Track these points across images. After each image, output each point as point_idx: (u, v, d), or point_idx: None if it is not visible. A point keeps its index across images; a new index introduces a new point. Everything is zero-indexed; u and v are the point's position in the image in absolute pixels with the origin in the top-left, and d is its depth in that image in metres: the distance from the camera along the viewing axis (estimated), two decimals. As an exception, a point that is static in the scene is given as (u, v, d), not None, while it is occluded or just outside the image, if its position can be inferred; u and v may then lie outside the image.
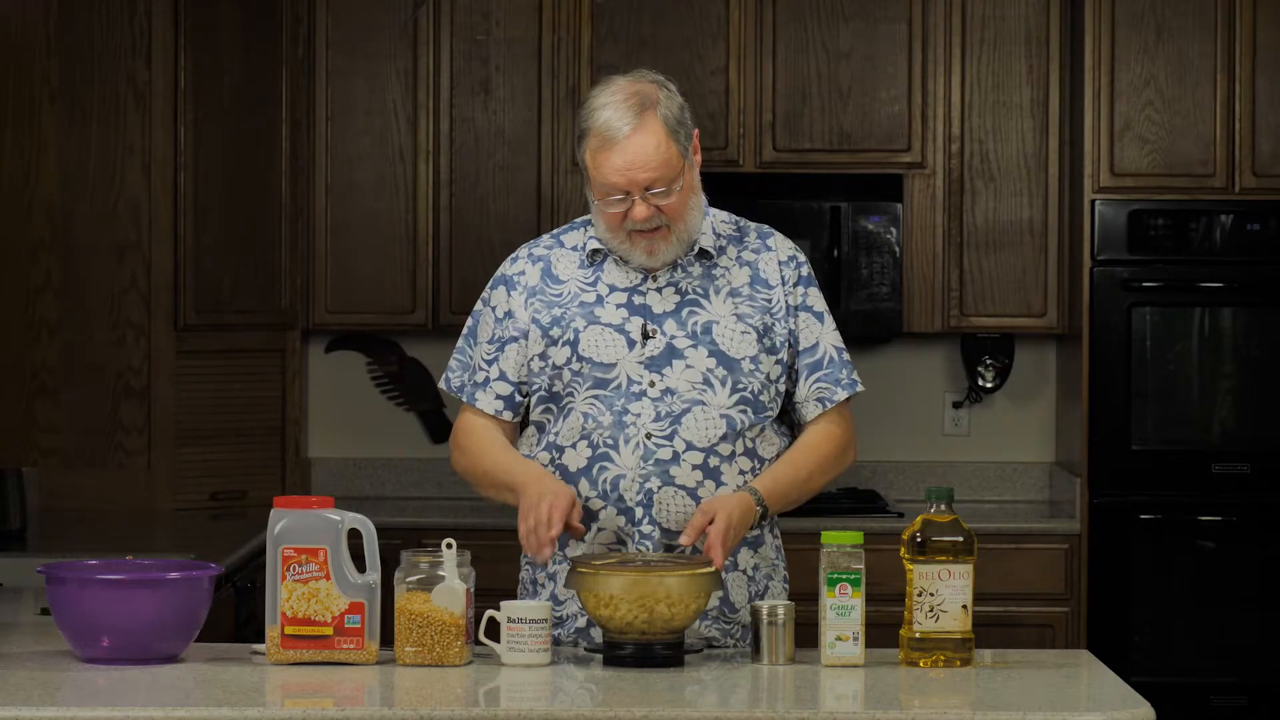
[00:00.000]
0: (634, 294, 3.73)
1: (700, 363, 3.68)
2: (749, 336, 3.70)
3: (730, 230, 3.81)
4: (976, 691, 3.31)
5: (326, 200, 6.36)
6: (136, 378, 5.95)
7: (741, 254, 3.78)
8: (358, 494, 6.57)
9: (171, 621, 3.43)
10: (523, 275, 3.80)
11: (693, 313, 3.71)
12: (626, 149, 3.61)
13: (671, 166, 3.64)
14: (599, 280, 3.75)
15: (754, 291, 3.74)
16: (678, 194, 3.65)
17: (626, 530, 3.68)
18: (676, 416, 3.66)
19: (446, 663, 3.41)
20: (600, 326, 3.71)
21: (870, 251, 6.25)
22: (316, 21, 6.34)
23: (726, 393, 3.68)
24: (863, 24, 6.31)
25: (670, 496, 3.66)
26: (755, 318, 3.72)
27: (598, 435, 3.68)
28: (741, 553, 3.74)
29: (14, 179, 5.88)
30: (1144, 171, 6.10)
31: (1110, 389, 6.06)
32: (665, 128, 3.63)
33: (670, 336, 3.69)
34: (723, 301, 3.72)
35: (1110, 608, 6.02)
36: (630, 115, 3.61)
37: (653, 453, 3.66)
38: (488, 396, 3.79)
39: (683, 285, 3.73)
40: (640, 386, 3.68)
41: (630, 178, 3.61)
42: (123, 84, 5.92)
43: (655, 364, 3.69)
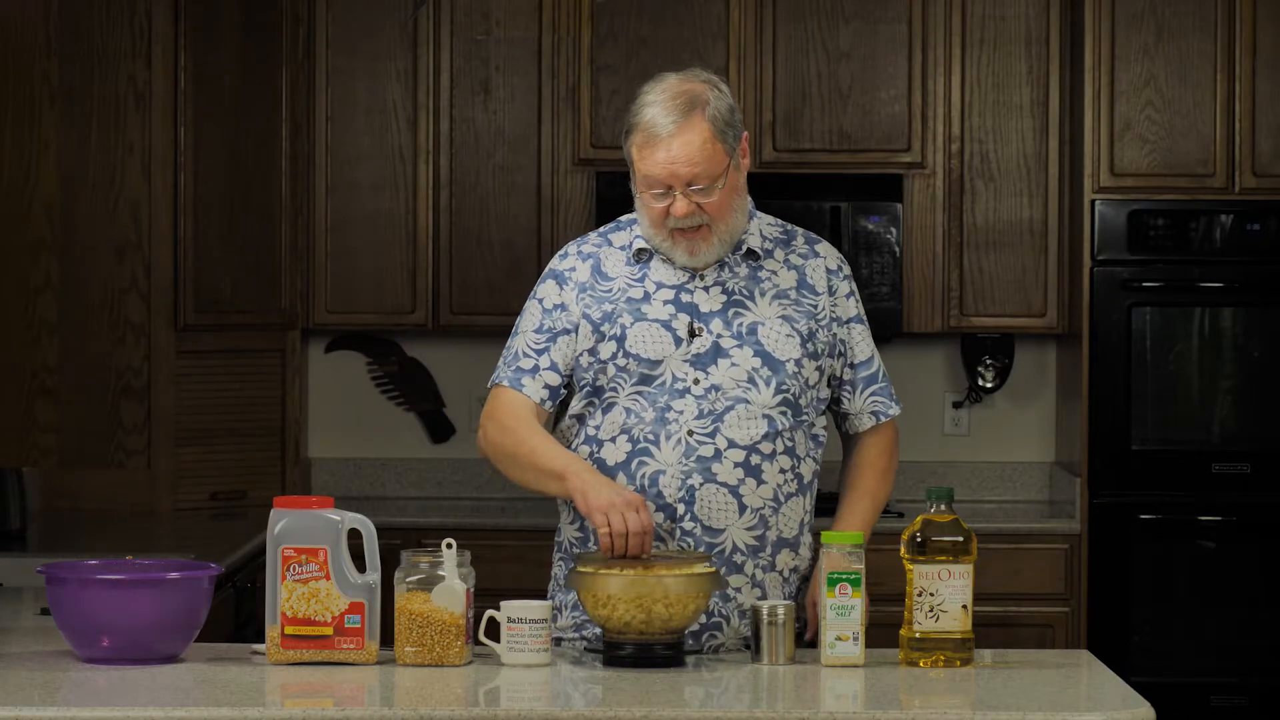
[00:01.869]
0: (681, 291, 3.74)
1: (745, 362, 3.69)
2: (793, 340, 3.72)
3: (777, 234, 3.83)
4: (976, 691, 3.31)
5: (326, 200, 6.36)
6: (136, 378, 5.95)
7: (789, 257, 3.79)
8: (358, 494, 6.57)
9: (171, 621, 3.43)
10: (573, 271, 3.81)
11: (739, 313, 3.72)
12: (670, 145, 3.63)
13: (714, 165, 3.65)
14: (646, 277, 3.76)
15: (800, 296, 3.75)
16: (720, 193, 3.67)
17: (666, 527, 3.68)
18: (719, 414, 3.67)
19: (446, 663, 3.41)
20: (647, 323, 3.72)
21: (870, 251, 6.25)
22: (316, 21, 6.34)
23: (770, 392, 3.69)
24: (863, 24, 6.31)
25: (712, 493, 3.67)
26: (801, 322, 3.73)
27: (639, 430, 3.68)
28: (782, 553, 3.74)
29: (14, 179, 5.88)
30: (1144, 171, 6.10)
31: (1110, 389, 6.06)
32: (711, 127, 3.65)
33: (716, 335, 3.70)
34: (769, 303, 3.73)
35: (1110, 608, 6.02)
36: (677, 113, 3.64)
37: (694, 450, 3.67)
38: (535, 384, 3.76)
39: (729, 285, 3.74)
40: (684, 384, 3.69)
41: (672, 171, 3.63)
42: (123, 84, 5.92)
43: (700, 362, 3.69)
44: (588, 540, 3.74)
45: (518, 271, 6.29)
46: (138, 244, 5.94)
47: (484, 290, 6.34)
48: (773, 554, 3.72)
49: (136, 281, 5.95)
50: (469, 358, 6.52)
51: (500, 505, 6.30)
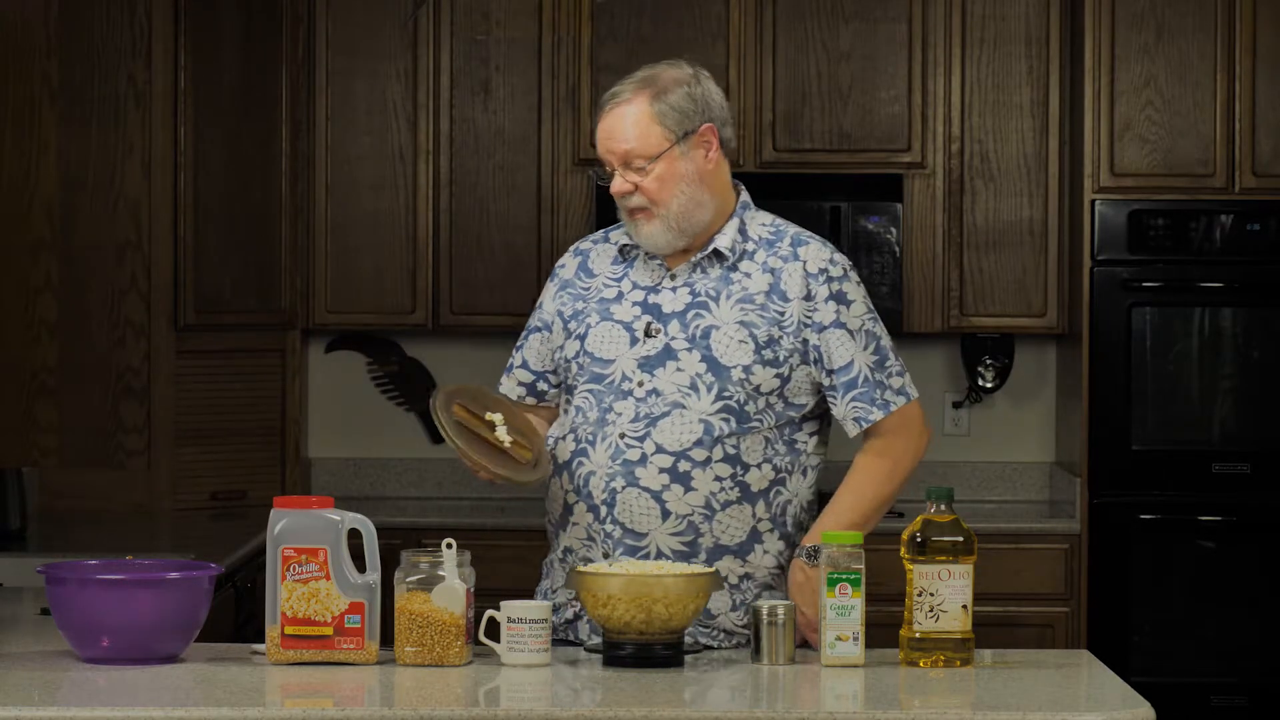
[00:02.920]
0: (650, 293, 3.76)
1: (691, 366, 3.69)
2: (746, 346, 3.69)
3: (766, 234, 3.80)
4: (976, 691, 3.31)
5: (326, 200, 6.36)
6: (136, 378, 5.95)
7: (769, 260, 3.75)
8: (358, 494, 6.57)
9: (171, 621, 3.43)
10: (563, 268, 3.88)
11: (698, 315, 3.72)
12: (608, 119, 3.70)
13: (650, 145, 3.67)
14: (625, 277, 3.79)
15: (768, 301, 3.71)
16: (655, 175, 3.68)
17: (594, 528, 3.71)
18: (654, 419, 3.68)
19: (446, 663, 3.41)
20: (611, 322, 3.75)
21: (870, 251, 6.25)
22: (316, 21, 6.34)
23: (710, 399, 3.68)
24: (863, 24, 6.31)
25: (634, 498, 3.68)
26: (760, 328, 3.70)
27: (583, 430, 3.72)
28: (725, 560, 3.72)
29: (14, 179, 5.88)
30: (1144, 171, 6.10)
31: (1110, 389, 6.06)
32: (651, 107, 3.67)
33: (671, 338, 3.71)
34: (731, 307, 3.71)
35: (1110, 608, 6.02)
36: (623, 91, 3.70)
37: (622, 453, 3.68)
38: (510, 382, 3.89)
39: (697, 287, 3.74)
40: (629, 385, 3.70)
41: (608, 147, 3.69)
42: (123, 84, 5.92)
43: (649, 364, 3.70)
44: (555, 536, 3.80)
45: (517, 271, 6.29)
46: (138, 244, 5.94)
47: (484, 290, 6.34)
48: (709, 560, 3.69)
49: (136, 281, 5.95)
50: (469, 358, 6.52)
51: (500, 505, 6.30)
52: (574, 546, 3.75)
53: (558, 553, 3.81)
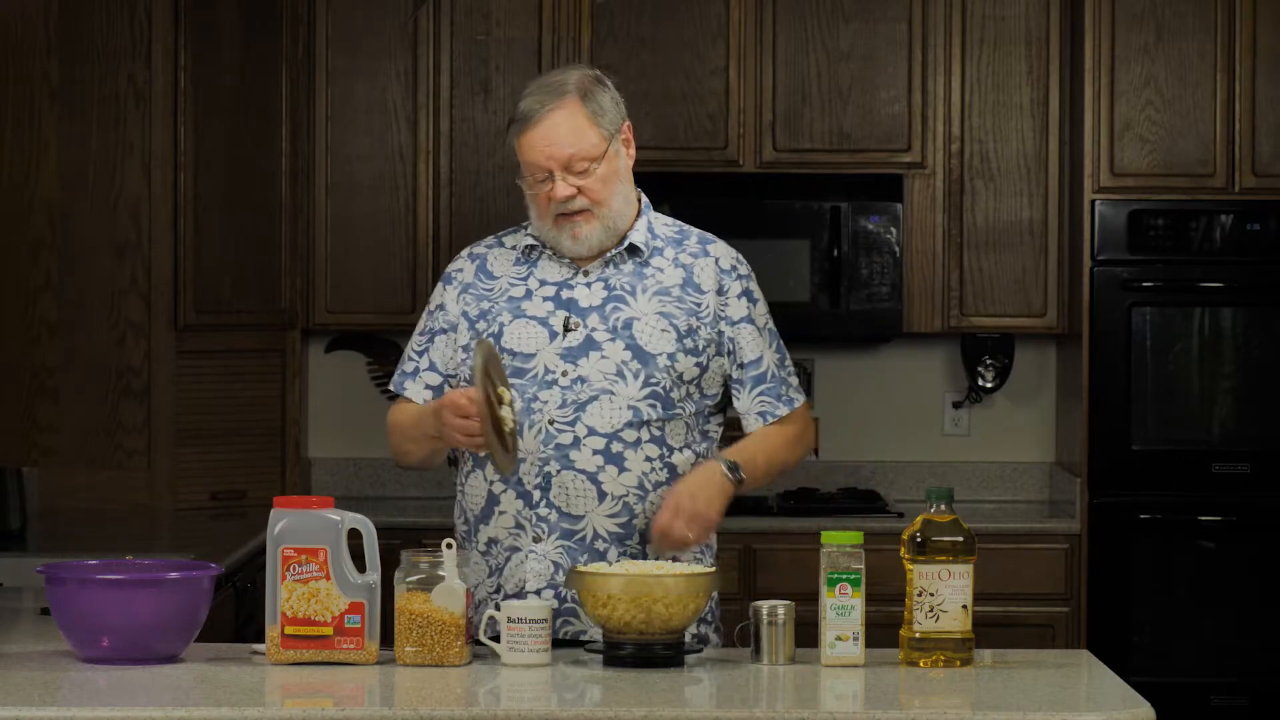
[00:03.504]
0: (563, 288, 3.80)
1: (616, 354, 3.74)
2: (669, 335, 3.75)
3: (671, 233, 3.88)
4: (976, 691, 3.31)
5: (326, 200, 6.36)
6: (136, 378, 5.95)
7: (679, 256, 3.83)
8: (358, 494, 6.57)
9: (171, 621, 3.43)
10: (460, 272, 3.90)
11: (617, 308, 3.77)
12: (543, 126, 3.72)
13: (590, 147, 3.73)
14: (531, 275, 3.83)
15: (684, 294, 3.79)
16: (599, 176, 3.73)
17: (525, 515, 3.72)
18: (582, 404, 3.72)
19: (446, 663, 3.41)
20: (525, 319, 3.78)
21: (870, 251, 6.25)
22: (316, 21, 6.34)
23: (638, 385, 3.73)
24: (863, 24, 6.31)
25: (570, 480, 3.71)
26: (680, 318, 3.77)
27: None
28: None
29: (14, 179, 5.88)
30: (1144, 171, 6.10)
31: (1110, 389, 6.06)
32: (585, 110, 3.73)
33: (591, 329, 3.75)
34: (649, 300, 3.78)
35: (1110, 608, 6.02)
36: (549, 98, 3.74)
37: (554, 438, 3.71)
38: (417, 386, 3.88)
39: (612, 281, 3.79)
40: (553, 375, 3.73)
41: (549, 154, 3.72)
42: (123, 84, 5.92)
43: (571, 354, 3.74)
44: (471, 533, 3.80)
45: (518, 271, 6.28)
46: (138, 244, 5.94)
47: (484, 290, 6.33)
48: (641, 541, 3.75)
49: (136, 281, 5.95)
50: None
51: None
52: (499, 537, 3.77)
53: (478, 547, 3.79)
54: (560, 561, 3.72)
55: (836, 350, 6.61)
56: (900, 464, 6.62)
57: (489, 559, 3.78)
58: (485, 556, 3.79)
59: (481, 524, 3.79)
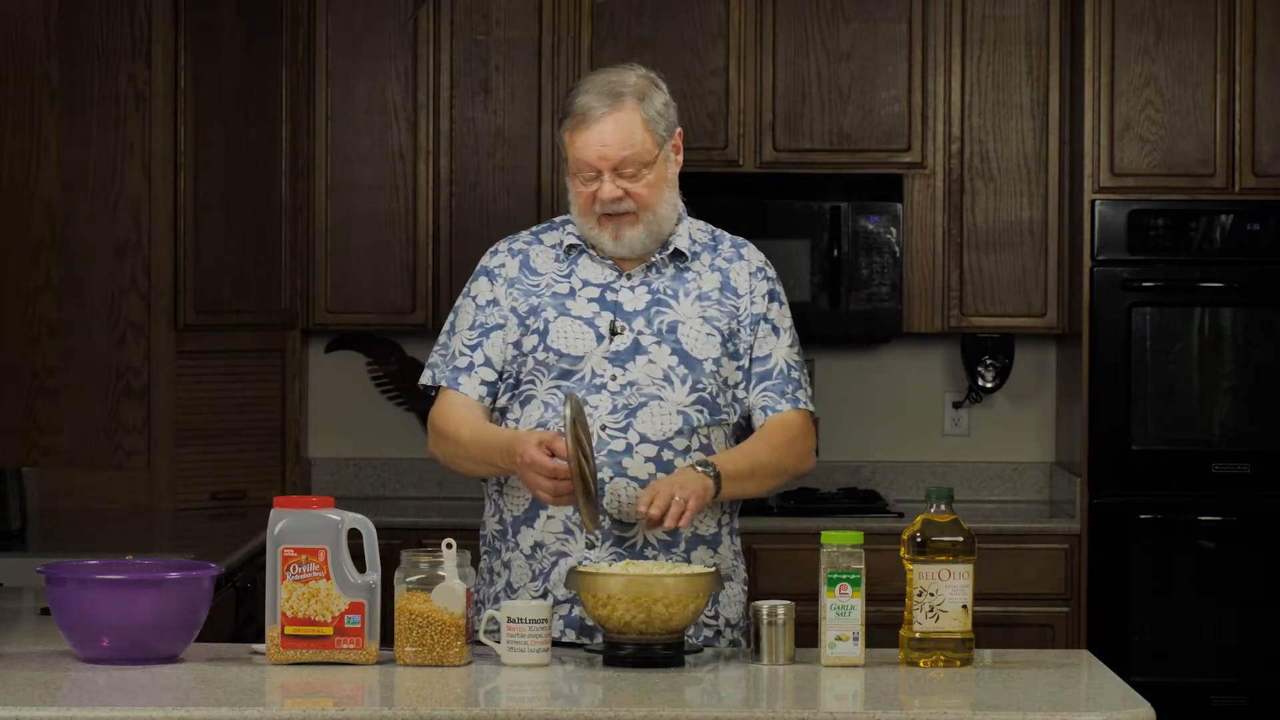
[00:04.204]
0: (607, 290, 3.78)
1: (663, 359, 3.73)
2: (713, 339, 3.76)
3: (706, 239, 3.88)
4: (976, 691, 3.32)
5: (326, 200, 6.36)
6: (136, 378, 5.95)
7: (715, 261, 3.84)
8: (358, 494, 6.57)
9: (171, 621, 3.43)
10: (503, 267, 3.86)
11: (660, 312, 3.76)
12: (600, 127, 3.69)
13: (643, 152, 3.71)
14: (574, 274, 3.81)
15: (723, 297, 3.80)
16: (647, 181, 3.72)
17: (575, 520, 3.71)
18: (633, 410, 3.71)
19: (446, 663, 3.41)
20: (570, 318, 3.76)
21: (870, 251, 6.25)
22: (316, 21, 6.34)
23: (685, 390, 3.73)
24: (863, 24, 6.31)
25: (622, 487, 3.70)
26: (722, 321, 3.78)
27: (555, 424, 3.71)
28: (698, 550, 3.76)
29: (14, 179, 5.88)
30: (1144, 171, 6.10)
31: (1110, 389, 6.06)
32: (642, 115, 3.71)
33: (637, 333, 3.74)
34: (691, 303, 3.78)
35: (1110, 608, 6.02)
36: (609, 99, 3.70)
37: (606, 444, 3.70)
38: (472, 381, 3.83)
39: (655, 285, 3.79)
40: (602, 380, 3.72)
41: (601, 154, 3.69)
42: (123, 84, 5.92)
43: (619, 358, 3.73)
44: (506, 533, 3.78)
45: (518, 271, 6.28)
46: (138, 244, 5.94)
47: (484, 290, 6.33)
48: (687, 550, 3.74)
49: (136, 281, 5.95)
50: (469, 358, 6.51)
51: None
52: (546, 541, 3.75)
53: (522, 550, 3.77)
54: None
55: (836, 350, 6.61)
56: (900, 464, 6.62)
57: (532, 563, 3.76)
58: (529, 560, 3.77)
59: (525, 525, 3.76)
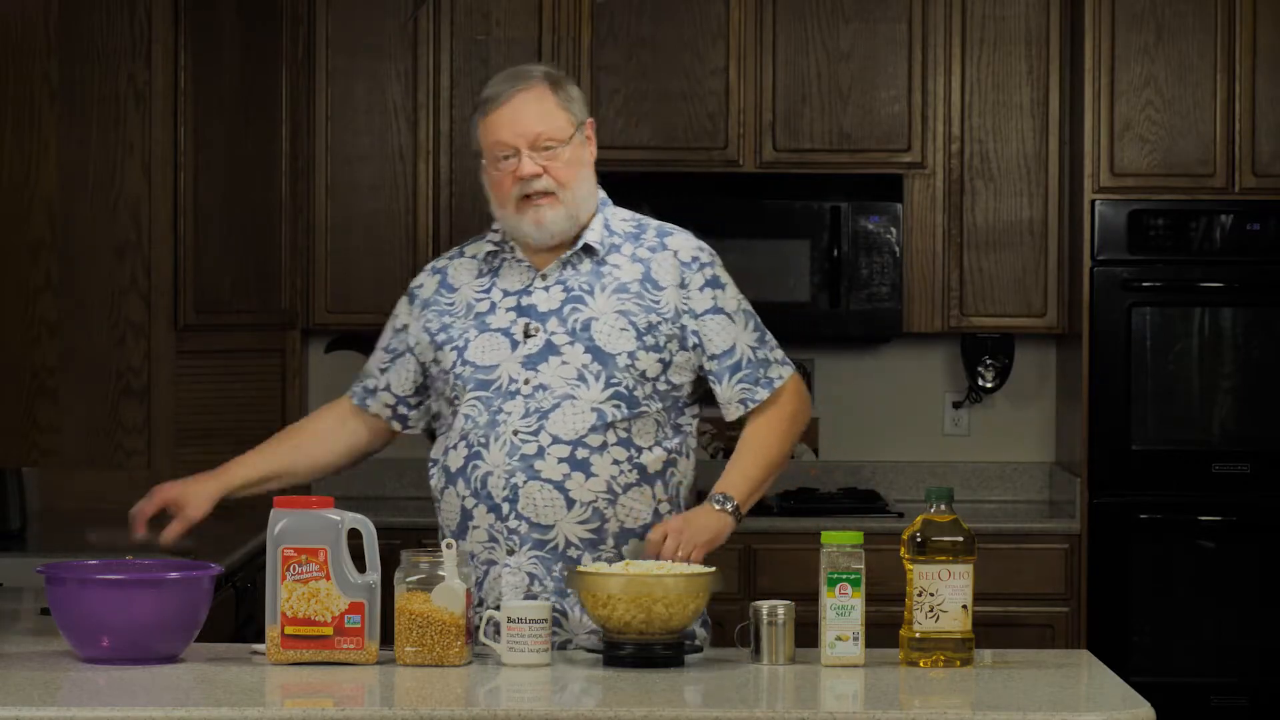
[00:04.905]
0: (522, 295, 3.79)
1: (576, 359, 3.73)
2: (627, 333, 3.75)
3: (629, 227, 3.86)
4: (976, 691, 3.31)
5: (326, 200, 6.36)
6: (136, 378, 5.95)
7: (636, 251, 3.82)
8: (358, 494, 6.57)
9: (171, 621, 3.43)
10: (421, 288, 3.92)
11: (575, 309, 3.76)
12: (513, 104, 3.72)
13: (558, 129, 3.73)
14: (493, 287, 3.82)
15: (643, 290, 3.78)
16: (565, 159, 3.73)
17: (497, 528, 3.72)
18: (545, 412, 3.71)
19: (446, 663, 3.41)
20: (490, 332, 3.78)
21: (870, 251, 6.25)
22: (316, 21, 6.34)
23: (600, 387, 3.72)
24: (863, 24, 6.31)
25: (536, 490, 3.70)
26: (638, 315, 3.76)
27: (474, 435, 3.74)
28: (631, 543, 3.77)
29: (14, 179, 5.88)
30: (1144, 171, 6.10)
31: (1110, 389, 6.06)
32: (554, 95, 3.74)
33: (550, 334, 3.75)
34: (607, 298, 3.77)
35: (1110, 608, 6.02)
36: (518, 80, 3.75)
37: (518, 449, 3.71)
38: (378, 403, 3.96)
39: (570, 283, 3.79)
40: (516, 385, 3.73)
41: (516, 130, 3.71)
42: (123, 84, 5.92)
43: (532, 361, 3.74)
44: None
45: (518, 271, 6.29)
46: (138, 244, 5.94)
47: (484, 290, 6.33)
48: (616, 545, 3.75)
49: (136, 281, 5.94)
50: (469, 358, 6.51)
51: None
52: (475, 551, 3.77)
53: None
54: (535, 572, 3.72)
55: (836, 350, 6.61)
56: (900, 464, 6.62)
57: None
58: None
59: (459, 539, 3.78)
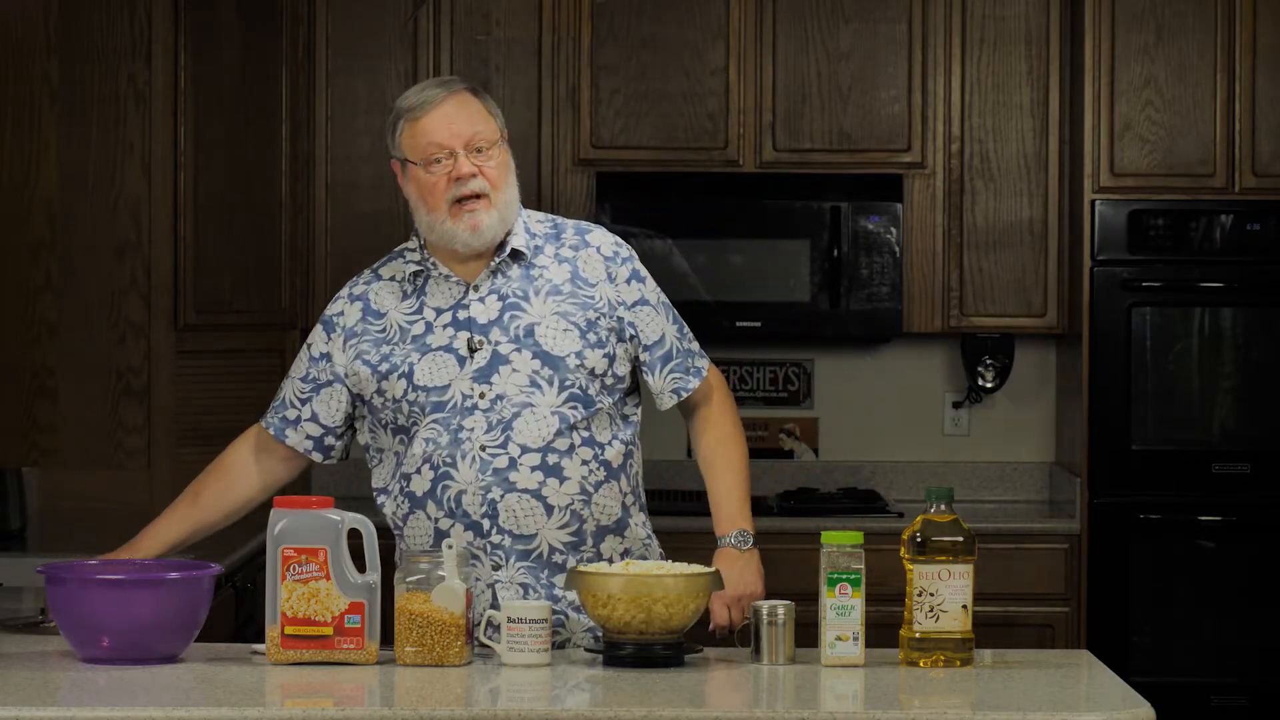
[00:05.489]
0: (458, 309, 3.76)
1: (525, 365, 3.72)
2: (571, 334, 3.74)
3: (547, 229, 3.86)
4: (976, 691, 3.32)
5: (326, 200, 6.36)
6: (136, 378, 5.95)
7: (559, 251, 3.82)
8: (358, 494, 6.57)
9: (171, 621, 3.43)
10: (341, 316, 3.84)
11: (515, 316, 3.75)
12: (445, 107, 3.71)
13: (491, 130, 3.74)
14: (424, 306, 3.78)
15: (575, 288, 3.78)
16: (497, 161, 3.74)
17: (476, 545, 3.71)
18: (507, 423, 3.70)
19: (446, 663, 3.41)
20: (433, 353, 3.74)
21: (870, 251, 6.25)
22: (316, 21, 6.34)
23: (555, 391, 3.72)
24: (863, 24, 6.31)
25: (515, 502, 3.69)
26: (577, 314, 3.76)
27: (438, 456, 3.71)
28: (607, 540, 3.77)
29: (14, 179, 5.88)
30: (1144, 171, 6.10)
31: (1110, 389, 6.06)
32: (480, 102, 3.75)
33: (495, 344, 3.73)
34: (544, 301, 3.76)
35: (1110, 608, 6.02)
36: (442, 87, 3.74)
37: (489, 463, 3.69)
38: (298, 435, 3.87)
39: (504, 290, 3.77)
40: (472, 400, 3.71)
41: (452, 130, 3.70)
42: (123, 84, 5.92)
43: (483, 374, 3.72)
44: None
45: (518, 271, 6.29)
46: (138, 244, 5.94)
47: (484, 290, 6.33)
48: (595, 544, 3.75)
49: (136, 281, 5.94)
50: (469, 358, 6.51)
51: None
52: None
53: None
54: (527, 582, 3.71)
55: (836, 350, 6.61)
56: (900, 464, 6.62)
57: None
58: None
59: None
